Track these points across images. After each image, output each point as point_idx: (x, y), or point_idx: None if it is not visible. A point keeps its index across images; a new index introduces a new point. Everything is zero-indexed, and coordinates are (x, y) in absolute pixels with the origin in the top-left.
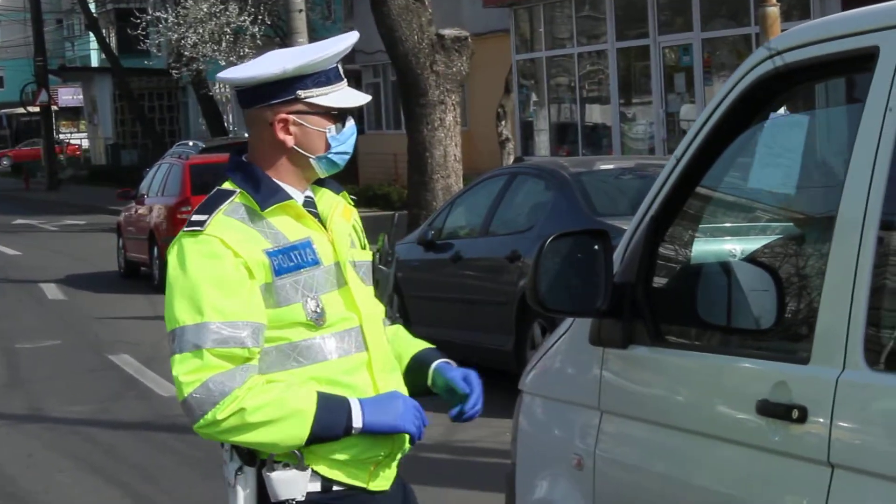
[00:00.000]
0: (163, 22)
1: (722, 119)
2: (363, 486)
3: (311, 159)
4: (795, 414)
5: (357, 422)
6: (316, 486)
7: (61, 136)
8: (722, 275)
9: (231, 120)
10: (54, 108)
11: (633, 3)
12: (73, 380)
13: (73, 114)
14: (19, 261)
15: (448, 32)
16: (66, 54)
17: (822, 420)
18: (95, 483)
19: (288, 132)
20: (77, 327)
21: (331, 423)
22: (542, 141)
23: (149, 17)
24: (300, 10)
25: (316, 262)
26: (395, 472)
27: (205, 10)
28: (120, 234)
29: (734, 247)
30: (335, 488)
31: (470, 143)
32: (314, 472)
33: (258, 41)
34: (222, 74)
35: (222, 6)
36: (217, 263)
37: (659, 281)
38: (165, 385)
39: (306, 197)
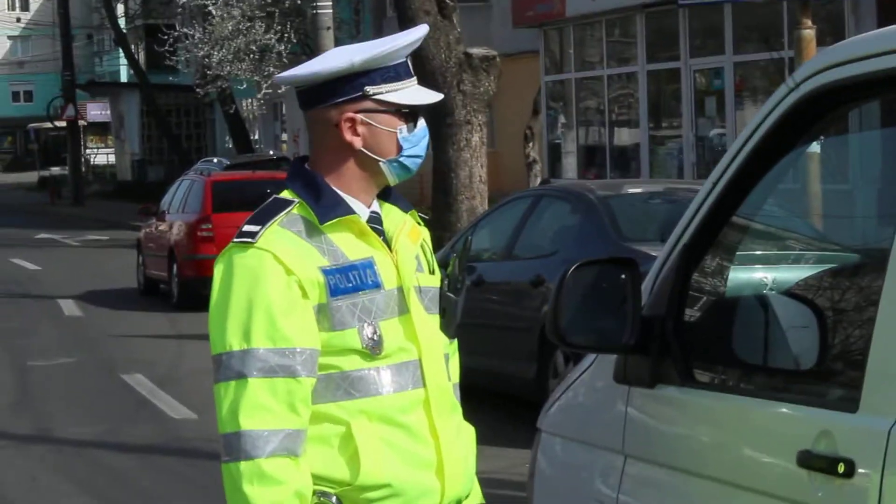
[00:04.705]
0: (189, 38)
1: (761, 143)
2: None
3: (380, 163)
4: (842, 468)
5: None
6: None
7: (89, 152)
8: (759, 310)
9: (258, 137)
10: (82, 123)
11: (665, 25)
12: (83, 400)
13: (101, 129)
14: (38, 276)
15: (476, 51)
16: (95, 69)
17: (871, 475)
18: None
19: (356, 133)
20: (92, 345)
21: None
22: (570, 163)
23: (176, 33)
24: (328, 28)
25: (377, 285)
26: None
27: (230, 27)
28: (140, 250)
29: (772, 279)
30: None
31: (497, 165)
32: None
33: (284, 59)
34: (282, 75)
35: (249, 24)
36: (268, 282)
37: (691, 315)
38: (178, 407)
39: (372, 212)
